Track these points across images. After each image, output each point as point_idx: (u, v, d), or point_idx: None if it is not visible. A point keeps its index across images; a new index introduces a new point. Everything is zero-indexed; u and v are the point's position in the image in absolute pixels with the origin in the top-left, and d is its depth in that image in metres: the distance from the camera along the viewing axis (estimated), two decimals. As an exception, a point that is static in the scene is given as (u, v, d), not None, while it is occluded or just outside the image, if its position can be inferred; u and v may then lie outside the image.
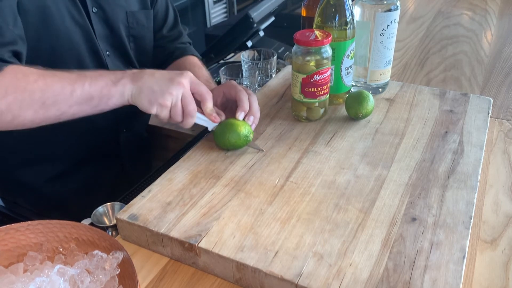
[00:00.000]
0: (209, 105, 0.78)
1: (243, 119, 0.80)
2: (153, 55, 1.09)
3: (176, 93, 0.72)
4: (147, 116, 1.16)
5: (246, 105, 0.80)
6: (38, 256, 0.57)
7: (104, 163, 1.06)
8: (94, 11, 0.92)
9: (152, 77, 0.74)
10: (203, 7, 2.94)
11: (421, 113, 0.89)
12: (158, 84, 0.73)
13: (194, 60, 1.08)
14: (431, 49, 1.35)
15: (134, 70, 0.76)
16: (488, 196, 0.75)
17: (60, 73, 0.73)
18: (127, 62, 1.02)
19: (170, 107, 0.73)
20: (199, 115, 0.77)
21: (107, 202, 0.76)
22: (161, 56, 1.09)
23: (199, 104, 0.77)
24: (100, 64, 0.95)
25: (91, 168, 1.03)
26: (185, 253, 0.62)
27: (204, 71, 1.04)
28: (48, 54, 0.86)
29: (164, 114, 0.74)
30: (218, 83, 1.11)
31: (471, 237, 0.65)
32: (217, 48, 1.38)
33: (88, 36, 0.91)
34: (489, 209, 0.72)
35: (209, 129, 0.80)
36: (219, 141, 0.79)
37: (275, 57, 1.11)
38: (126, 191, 0.89)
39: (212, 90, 0.88)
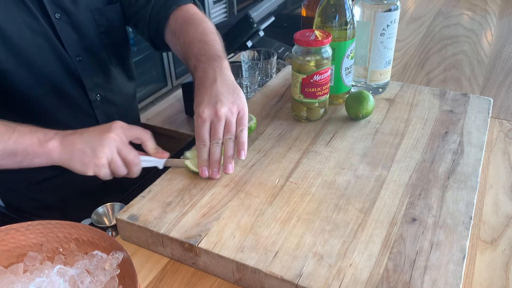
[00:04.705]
0: (151, 144, 0.74)
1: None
2: (140, 30, 0.99)
3: (109, 148, 0.69)
4: (136, 117, 1.13)
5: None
6: (38, 256, 0.57)
7: None
8: (57, 17, 0.86)
9: (81, 138, 0.69)
10: (203, 7, 2.94)
11: (421, 113, 0.89)
12: (88, 144, 0.68)
13: (192, 11, 0.92)
14: (431, 49, 1.35)
15: (67, 131, 0.71)
16: (488, 196, 0.75)
17: None
18: (101, 64, 0.96)
19: (107, 165, 0.69)
20: (143, 157, 0.73)
21: (105, 203, 0.76)
22: (151, 28, 0.96)
23: (139, 147, 0.74)
24: (70, 72, 0.90)
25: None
26: (185, 253, 0.62)
27: (209, 25, 0.88)
28: (15, 73, 0.82)
29: (104, 172, 0.70)
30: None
31: (471, 237, 0.65)
32: (217, 48, 1.38)
33: (53, 45, 0.86)
34: (489, 209, 0.72)
35: (160, 167, 0.75)
36: None
37: (275, 57, 1.11)
38: (124, 192, 0.88)
39: None
